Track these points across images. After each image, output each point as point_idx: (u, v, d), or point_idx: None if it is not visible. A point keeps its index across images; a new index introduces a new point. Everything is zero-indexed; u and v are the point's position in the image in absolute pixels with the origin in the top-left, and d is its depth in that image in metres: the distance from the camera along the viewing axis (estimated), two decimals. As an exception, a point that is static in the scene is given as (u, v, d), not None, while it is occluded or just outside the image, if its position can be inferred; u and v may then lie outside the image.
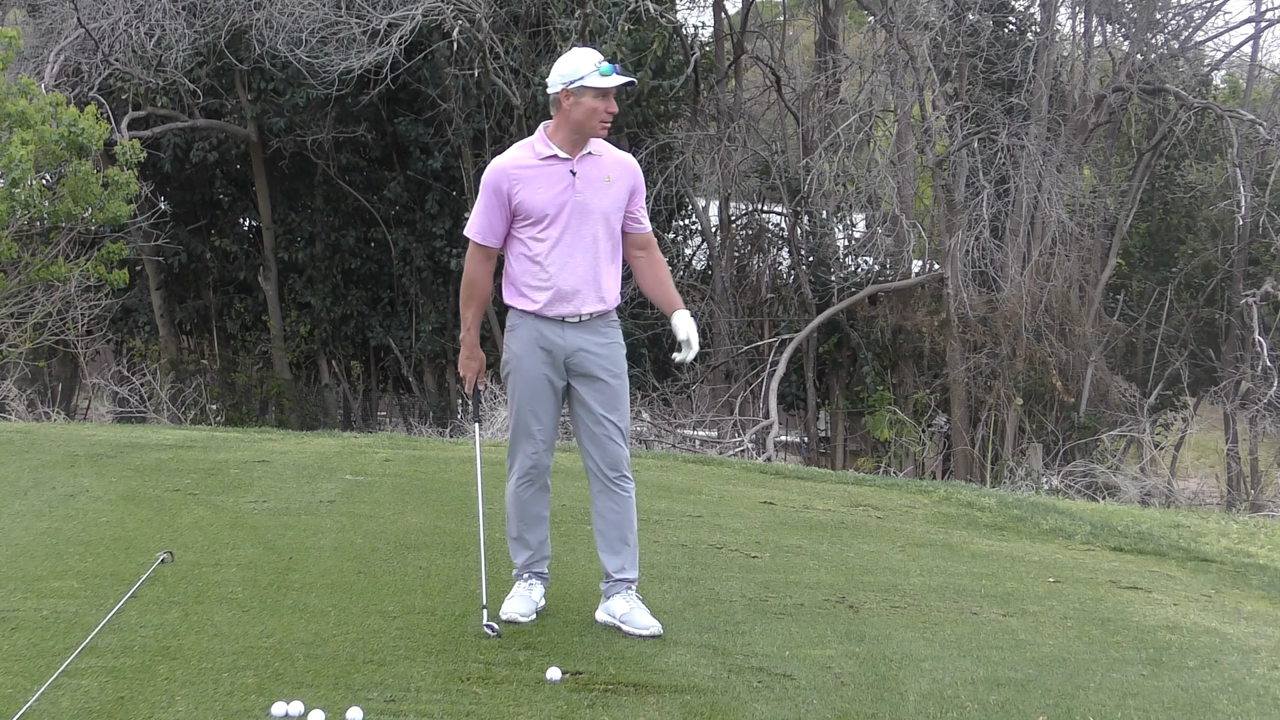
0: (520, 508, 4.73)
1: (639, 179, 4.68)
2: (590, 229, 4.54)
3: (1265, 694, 4.31)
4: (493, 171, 4.55)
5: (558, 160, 4.52)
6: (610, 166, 4.59)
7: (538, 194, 4.50)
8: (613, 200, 4.58)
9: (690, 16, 27.18)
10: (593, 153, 4.57)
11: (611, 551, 4.70)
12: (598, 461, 4.67)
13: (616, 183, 4.58)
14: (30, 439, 9.14)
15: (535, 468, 4.68)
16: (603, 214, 4.56)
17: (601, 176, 4.55)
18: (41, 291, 14.08)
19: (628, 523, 4.70)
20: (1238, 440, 20.45)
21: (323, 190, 21.10)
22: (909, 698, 4.03)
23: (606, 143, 4.67)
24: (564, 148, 4.53)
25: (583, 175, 4.52)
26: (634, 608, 4.61)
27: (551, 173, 4.52)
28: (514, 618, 4.57)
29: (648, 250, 4.77)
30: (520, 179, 4.52)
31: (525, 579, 4.77)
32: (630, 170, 4.65)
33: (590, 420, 4.64)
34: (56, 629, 4.31)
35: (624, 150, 4.82)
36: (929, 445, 18.83)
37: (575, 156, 4.54)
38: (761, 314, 20.78)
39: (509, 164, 4.55)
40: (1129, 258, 23.16)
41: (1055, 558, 6.67)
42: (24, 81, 13.59)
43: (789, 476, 9.63)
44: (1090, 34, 20.53)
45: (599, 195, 4.55)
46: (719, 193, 20.09)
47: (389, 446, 9.94)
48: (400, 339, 21.00)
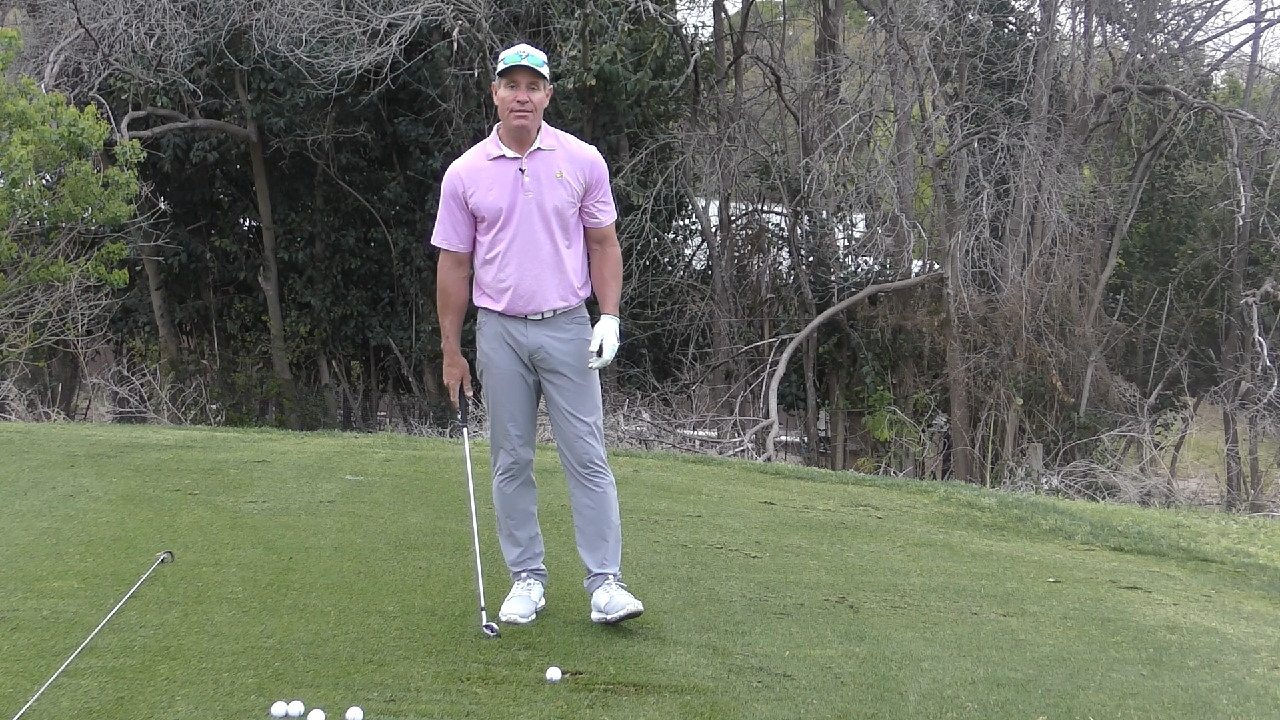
0: (506, 504, 4.72)
1: (597, 171, 4.60)
2: (544, 226, 4.51)
3: (1265, 694, 4.31)
4: (448, 176, 4.57)
5: (505, 159, 4.50)
6: (563, 161, 4.54)
7: (489, 194, 4.49)
8: (565, 194, 4.53)
9: (690, 16, 27.21)
10: (543, 148, 4.52)
11: (590, 548, 4.70)
12: (569, 458, 4.68)
13: (569, 176, 4.52)
14: (30, 439, 9.14)
15: (516, 463, 4.67)
16: (554, 210, 4.52)
17: (552, 171, 4.51)
18: (41, 291, 14.08)
19: (604, 518, 4.67)
20: (1238, 440, 20.44)
21: (323, 190, 21.10)
22: (909, 698, 4.03)
23: (568, 135, 4.63)
24: (510, 146, 4.50)
25: (531, 172, 4.49)
26: (613, 596, 4.60)
27: (500, 172, 4.50)
28: (513, 619, 4.56)
29: (602, 245, 4.71)
30: (472, 181, 4.51)
31: (523, 578, 4.75)
32: (585, 163, 4.57)
33: (559, 418, 4.65)
34: (56, 629, 4.31)
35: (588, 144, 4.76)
36: (929, 445, 18.82)
37: (524, 154, 4.50)
38: (761, 314, 20.78)
39: (462, 167, 4.57)
40: (1129, 258, 23.17)
41: (1055, 558, 6.67)
42: (24, 81, 13.59)
43: (789, 476, 9.62)
44: (1090, 34, 20.53)
45: (550, 191, 4.51)
46: (719, 193, 20.08)
47: (389, 446, 9.94)
48: (400, 339, 21.00)
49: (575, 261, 4.62)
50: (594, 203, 4.61)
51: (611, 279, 4.71)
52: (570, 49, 17.21)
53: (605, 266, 4.70)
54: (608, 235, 4.72)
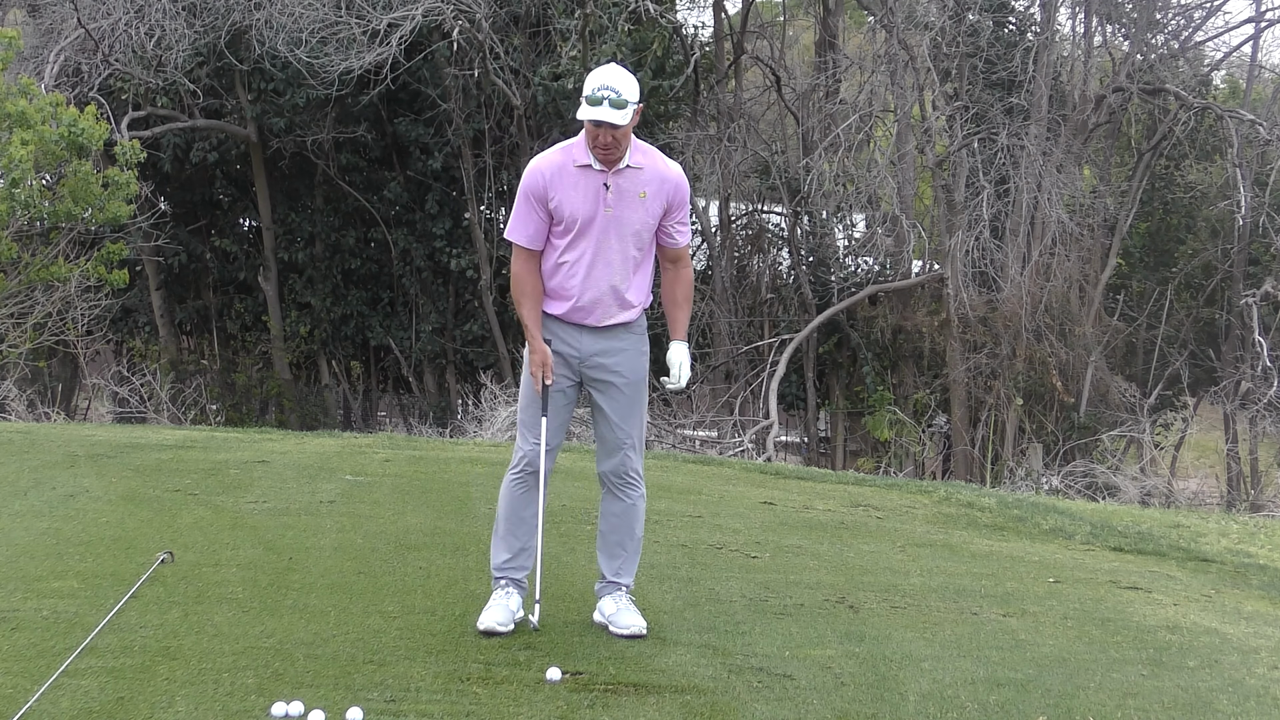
0: (511, 505, 4.65)
1: (679, 194, 4.52)
2: (620, 244, 4.45)
3: (1265, 694, 4.31)
4: (531, 172, 4.45)
5: (593, 170, 4.41)
6: (648, 180, 4.46)
7: (570, 201, 4.41)
8: (645, 215, 4.47)
9: (690, 16, 27.16)
10: (632, 165, 4.42)
11: (609, 555, 4.68)
12: (607, 466, 4.65)
13: (652, 198, 4.46)
14: (30, 439, 9.14)
15: (530, 465, 4.59)
16: (634, 230, 4.46)
17: (637, 191, 4.44)
18: (41, 291, 14.07)
19: (628, 529, 4.66)
20: (1238, 440, 20.45)
21: (323, 190, 21.10)
22: (909, 698, 4.03)
23: (657, 152, 4.55)
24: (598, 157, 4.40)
25: (616, 188, 4.42)
26: (621, 609, 4.58)
27: (586, 182, 4.42)
28: (492, 628, 4.46)
29: (676, 265, 4.68)
30: (556, 183, 4.42)
31: (503, 586, 4.63)
32: (670, 184, 4.49)
33: (604, 426, 4.62)
34: (56, 629, 4.31)
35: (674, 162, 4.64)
36: (929, 445, 18.82)
37: (611, 169, 4.41)
38: (761, 314, 20.79)
39: (546, 165, 4.44)
40: (1129, 258, 23.17)
41: (1055, 558, 6.67)
42: (24, 81, 13.59)
43: (789, 476, 9.62)
44: (1090, 34, 20.54)
45: (632, 210, 4.44)
46: (719, 193, 20.09)
47: (389, 446, 9.93)
48: (400, 339, 21.00)
49: (644, 279, 4.58)
50: (673, 224, 4.55)
51: (684, 301, 4.67)
52: (570, 49, 17.22)
53: (678, 288, 4.67)
54: (682, 256, 4.66)
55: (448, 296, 21.11)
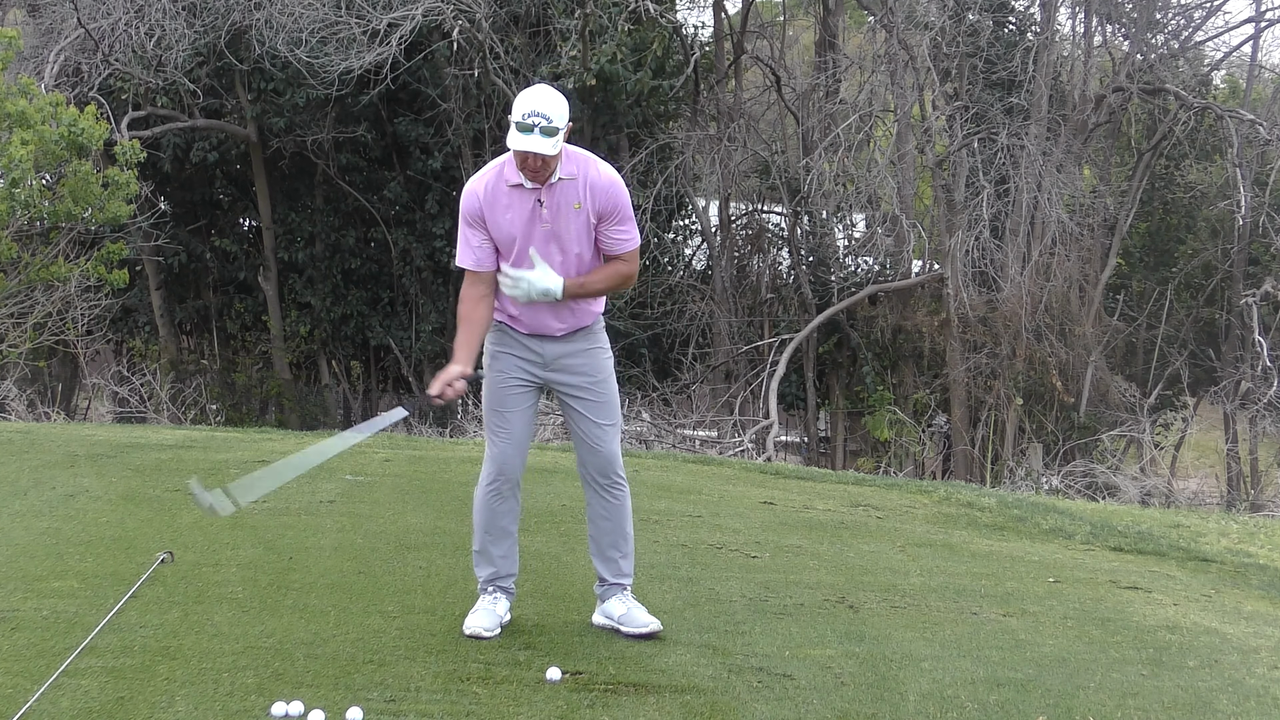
0: (488, 517, 4.56)
1: (610, 200, 4.35)
2: (563, 256, 4.37)
3: (1265, 694, 4.31)
4: (466, 195, 4.41)
5: (524, 189, 4.32)
6: (582, 190, 4.32)
7: (504, 222, 4.35)
8: (583, 225, 4.37)
9: (690, 16, 27.19)
10: (564, 177, 4.30)
11: (603, 558, 4.65)
12: (588, 468, 4.62)
13: (588, 206, 4.34)
14: (30, 439, 9.14)
15: (502, 473, 4.51)
16: (574, 239, 4.37)
17: (571, 202, 4.34)
18: (41, 291, 14.08)
19: (619, 529, 4.63)
20: (1238, 440, 20.44)
21: (323, 190, 21.10)
22: (909, 698, 4.03)
23: (590, 158, 4.40)
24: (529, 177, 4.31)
25: (550, 204, 4.32)
26: (631, 608, 4.58)
27: (520, 201, 4.34)
28: (477, 632, 4.43)
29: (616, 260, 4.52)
30: (490, 204, 4.36)
31: (490, 592, 4.60)
32: (602, 192, 4.33)
33: (580, 426, 4.58)
34: (56, 629, 4.31)
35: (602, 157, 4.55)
36: (929, 445, 18.82)
37: (543, 184, 4.30)
38: (761, 314, 20.78)
39: (479, 187, 4.38)
40: (1129, 258, 23.17)
41: (1055, 558, 6.67)
42: (24, 81, 13.59)
43: (789, 476, 9.62)
44: (1090, 34, 20.53)
45: (568, 221, 4.33)
46: (719, 193, 20.09)
47: (389, 446, 9.93)
48: (400, 339, 21.00)
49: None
50: (610, 230, 4.39)
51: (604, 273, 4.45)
52: (570, 49, 17.21)
53: (606, 266, 4.48)
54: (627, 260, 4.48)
55: (448, 296, 21.08)
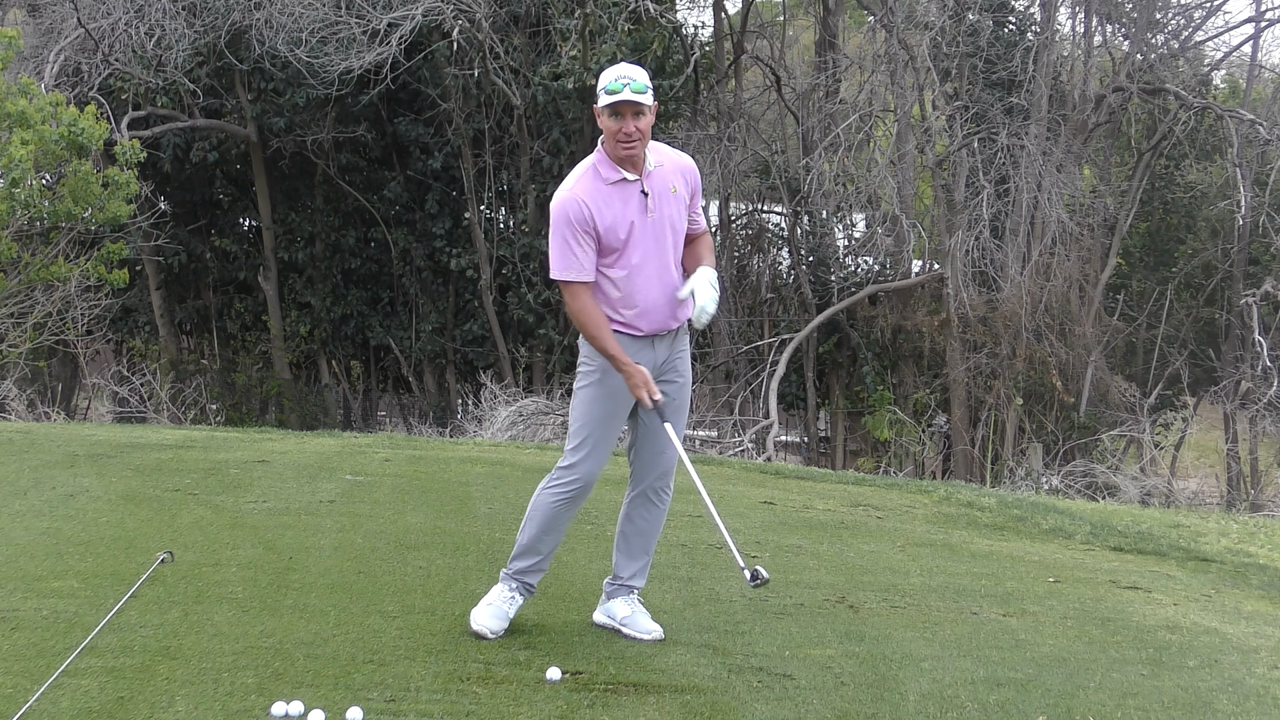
0: (551, 519, 4.50)
1: (697, 179, 4.49)
2: (659, 245, 4.37)
3: (1265, 694, 4.31)
4: (568, 203, 4.25)
5: (627, 182, 4.28)
6: (671, 174, 4.38)
7: (617, 218, 4.28)
8: (679, 210, 4.42)
9: (690, 16, 27.20)
10: (653, 165, 4.34)
11: (629, 557, 4.63)
12: (648, 470, 4.57)
13: (681, 190, 4.41)
14: (30, 439, 9.14)
15: (587, 485, 4.47)
16: (673, 228, 4.40)
17: (668, 187, 4.37)
18: (41, 291, 14.07)
19: (653, 534, 4.64)
20: (1238, 440, 20.44)
21: (323, 190, 21.10)
22: (909, 698, 4.03)
23: (662, 145, 4.46)
24: (626, 168, 4.27)
25: (653, 192, 4.33)
26: (635, 611, 4.58)
27: (624, 195, 4.30)
28: (482, 632, 4.42)
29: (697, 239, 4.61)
30: (598, 206, 4.26)
31: (513, 587, 4.56)
32: (690, 173, 4.46)
33: (653, 431, 4.49)
34: (56, 629, 4.31)
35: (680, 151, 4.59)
36: (929, 445, 18.83)
37: (642, 175, 4.30)
38: (761, 314, 20.79)
39: (581, 192, 4.26)
40: (1129, 258, 23.17)
41: (1055, 558, 6.67)
42: (24, 81, 13.59)
43: (789, 476, 9.63)
44: (1090, 34, 20.54)
45: (668, 207, 4.36)
46: (719, 193, 20.09)
47: (389, 446, 9.93)
48: (400, 339, 21.00)
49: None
50: (695, 210, 4.49)
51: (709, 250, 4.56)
52: (570, 49, 17.22)
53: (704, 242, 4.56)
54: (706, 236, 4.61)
55: (448, 296, 21.11)
